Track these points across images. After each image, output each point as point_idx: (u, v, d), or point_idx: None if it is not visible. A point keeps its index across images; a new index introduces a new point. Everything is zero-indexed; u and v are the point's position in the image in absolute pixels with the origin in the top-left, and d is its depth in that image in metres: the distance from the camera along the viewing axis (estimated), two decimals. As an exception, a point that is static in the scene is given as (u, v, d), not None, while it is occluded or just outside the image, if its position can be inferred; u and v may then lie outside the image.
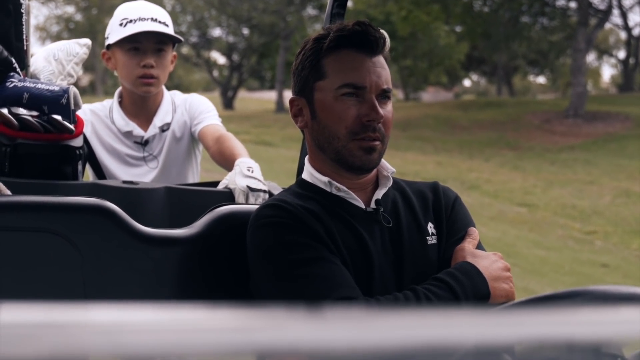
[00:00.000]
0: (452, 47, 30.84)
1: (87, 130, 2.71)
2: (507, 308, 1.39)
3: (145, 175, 2.78)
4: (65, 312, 0.45)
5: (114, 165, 2.80)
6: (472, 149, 17.77)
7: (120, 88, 2.88)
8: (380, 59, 1.73)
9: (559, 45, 30.21)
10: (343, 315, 0.49)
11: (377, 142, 1.70)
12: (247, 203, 2.24)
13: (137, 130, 2.80)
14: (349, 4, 2.42)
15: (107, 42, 2.77)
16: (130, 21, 2.68)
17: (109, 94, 37.05)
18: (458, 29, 28.85)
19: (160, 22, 2.72)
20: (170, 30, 2.74)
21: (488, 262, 1.68)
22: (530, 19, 26.40)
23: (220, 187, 2.34)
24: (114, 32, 2.72)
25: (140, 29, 2.67)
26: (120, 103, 2.86)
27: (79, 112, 2.73)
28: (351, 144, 1.70)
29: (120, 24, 2.70)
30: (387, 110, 1.72)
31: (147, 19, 2.70)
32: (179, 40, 2.84)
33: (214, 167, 2.72)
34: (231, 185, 2.30)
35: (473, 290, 1.62)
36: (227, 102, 33.73)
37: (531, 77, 50.34)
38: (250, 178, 2.33)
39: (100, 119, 2.82)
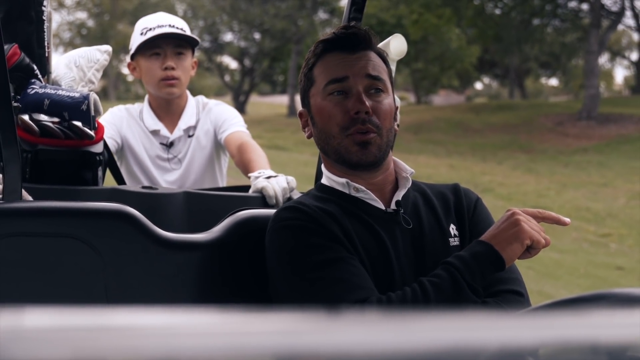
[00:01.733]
0: (463, 50, 30.75)
1: (122, 125, 2.88)
2: (530, 311, 1.39)
3: (169, 175, 2.87)
4: (86, 316, 0.45)
5: (143, 162, 2.90)
6: (484, 152, 17.72)
7: (147, 95, 3.00)
8: (368, 53, 1.77)
9: (571, 47, 30.09)
10: (361, 319, 0.49)
11: (372, 135, 1.70)
12: (272, 189, 2.30)
13: (164, 131, 2.92)
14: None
15: (130, 53, 2.91)
16: (150, 29, 2.83)
17: (121, 98, 37.18)
18: (469, 32, 28.78)
19: (177, 27, 2.86)
20: (188, 34, 2.84)
21: (495, 230, 1.62)
22: (542, 21, 26.31)
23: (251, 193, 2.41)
24: (136, 42, 2.86)
25: (158, 33, 2.80)
26: (150, 106, 2.97)
27: (112, 110, 2.83)
28: (345, 140, 1.72)
29: (141, 34, 2.84)
30: (379, 101, 1.73)
31: (165, 25, 2.84)
32: (197, 42, 2.95)
33: (240, 174, 2.80)
34: (256, 186, 2.36)
35: (482, 265, 1.59)
36: (239, 107, 33.73)
37: (543, 80, 50.11)
38: (263, 175, 2.42)
39: (132, 117, 2.95)
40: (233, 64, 39.49)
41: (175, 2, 38.21)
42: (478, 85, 52.80)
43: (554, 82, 51.28)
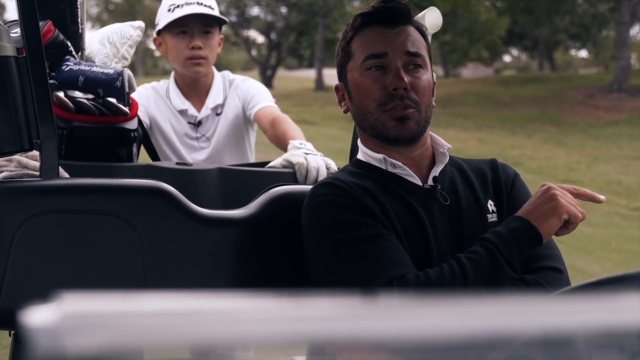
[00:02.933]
0: (492, 22, 30.42)
1: (150, 104, 2.86)
2: (567, 292, 1.37)
3: (198, 153, 2.86)
4: (147, 301, 0.45)
5: (171, 140, 2.89)
6: (514, 125, 17.57)
7: (173, 72, 2.97)
8: (407, 28, 1.74)
9: (602, 18, 29.64)
10: (397, 304, 0.49)
11: (410, 110, 1.69)
12: (307, 171, 2.27)
13: (192, 110, 2.90)
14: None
15: (157, 29, 2.88)
16: (178, 6, 2.80)
17: (148, 74, 37.33)
18: (499, 3, 28.45)
19: (205, 5, 2.83)
20: (215, 12, 2.85)
21: (531, 205, 1.61)
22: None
23: (277, 163, 2.35)
24: (163, 18, 2.83)
25: (186, 12, 2.78)
26: (176, 84, 2.94)
27: (139, 89, 2.82)
28: (383, 115, 1.70)
29: (169, 10, 2.81)
30: (417, 77, 1.71)
31: (193, 2, 2.81)
32: (225, 22, 2.91)
33: (269, 149, 2.78)
34: (291, 159, 2.32)
35: (519, 241, 1.57)
36: (266, 81, 33.69)
37: (573, 52, 49.50)
38: (303, 148, 2.39)
39: (160, 96, 2.93)
40: (260, 39, 39.46)
41: (202, -24, 38.11)
42: (507, 58, 52.31)
43: (583, 54, 50.62)
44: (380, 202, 1.67)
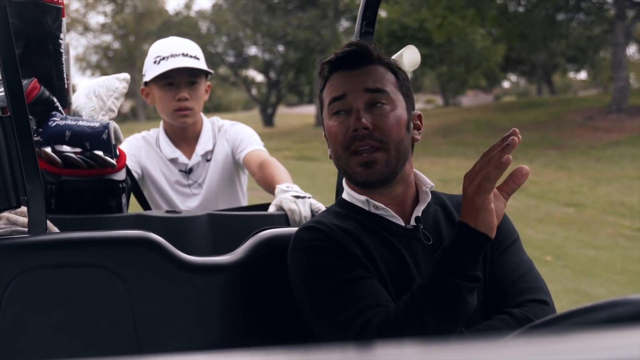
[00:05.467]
0: (489, 49, 30.61)
1: (140, 154, 2.90)
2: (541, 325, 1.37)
3: (191, 200, 2.89)
4: None
5: (163, 189, 2.92)
6: (515, 150, 17.24)
7: (162, 122, 3.02)
8: (369, 68, 1.74)
9: (597, 40, 29.81)
10: (382, 352, 0.49)
11: (376, 153, 1.68)
12: (298, 214, 2.32)
13: (182, 158, 2.94)
14: (383, 13, 2.46)
15: (144, 80, 2.92)
16: (163, 58, 2.83)
17: (150, 118, 37.53)
18: (494, 31, 28.63)
19: (191, 56, 2.85)
20: (201, 63, 2.86)
21: (470, 213, 1.56)
22: (566, 16, 26.09)
23: (270, 211, 2.40)
24: (149, 70, 2.87)
25: (172, 66, 2.81)
26: (165, 132, 2.99)
27: (129, 139, 2.86)
28: (350, 159, 1.71)
29: (154, 62, 2.85)
30: (381, 114, 1.69)
31: (179, 54, 2.83)
32: (210, 72, 2.93)
33: (258, 187, 2.82)
34: (282, 205, 2.37)
35: (464, 247, 1.54)
36: (267, 120, 33.91)
37: (571, 74, 49.68)
38: (291, 191, 2.43)
39: (150, 146, 2.97)
40: (259, 77, 39.73)
41: (198, 19, 38.54)
42: (506, 84, 52.46)
43: (582, 75, 50.80)
44: (362, 244, 1.68)
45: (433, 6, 25.70)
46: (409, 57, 2.22)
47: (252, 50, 35.78)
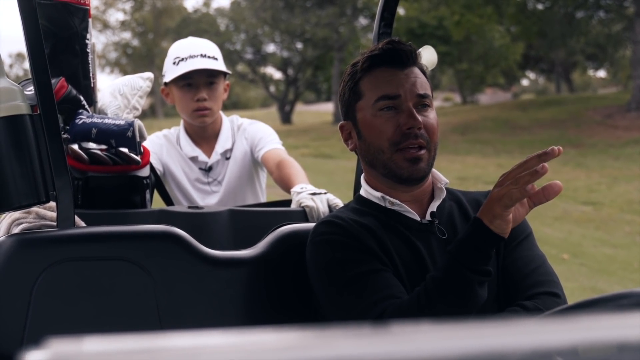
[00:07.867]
0: (507, 47, 30.50)
1: (162, 152, 2.96)
2: (556, 313, 1.41)
3: (211, 197, 2.94)
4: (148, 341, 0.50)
5: (184, 186, 2.98)
6: (533, 149, 17.40)
7: (182, 121, 3.07)
8: (414, 70, 1.79)
9: (617, 37, 29.62)
10: (399, 331, 0.51)
11: (422, 151, 1.74)
12: (316, 210, 2.39)
13: (202, 156, 2.99)
14: (401, 11, 2.49)
15: (163, 80, 2.97)
16: (182, 59, 2.88)
17: (169, 115, 37.66)
18: (513, 29, 28.52)
19: (209, 57, 2.90)
20: (219, 63, 2.91)
21: (488, 214, 1.60)
22: (586, 13, 25.94)
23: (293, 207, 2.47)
24: (169, 71, 2.92)
25: (190, 68, 2.87)
26: (186, 131, 3.04)
27: (151, 137, 2.92)
28: (395, 155, 1.75)
29: (174, 63, 2.90)
30: (428, 117, 1.76)
31: (197, 55, 2.89)
32: (228, 72, 2.99)
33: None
34: (300, 202, 2.44)
35: (476, 243, 1.59)
36: (285, 117, 33.96)
37: (591, 72, 49.33)
38: (306, 191, 2.50)
39: (171, 144, 3.03)
40: (277, 75, 39.81)
41: (217, 17, 38.63)
42: (524, 82, 52.18)
43: (601, 73, 50.44)
44: (379, 239, 1.73)
45: (451, 4, 25.64)
46: (426, 57, 2.26)
47: (271, 48, 35.87)
